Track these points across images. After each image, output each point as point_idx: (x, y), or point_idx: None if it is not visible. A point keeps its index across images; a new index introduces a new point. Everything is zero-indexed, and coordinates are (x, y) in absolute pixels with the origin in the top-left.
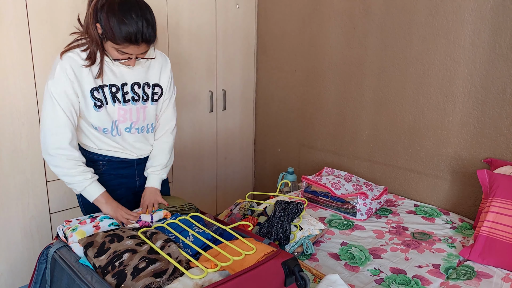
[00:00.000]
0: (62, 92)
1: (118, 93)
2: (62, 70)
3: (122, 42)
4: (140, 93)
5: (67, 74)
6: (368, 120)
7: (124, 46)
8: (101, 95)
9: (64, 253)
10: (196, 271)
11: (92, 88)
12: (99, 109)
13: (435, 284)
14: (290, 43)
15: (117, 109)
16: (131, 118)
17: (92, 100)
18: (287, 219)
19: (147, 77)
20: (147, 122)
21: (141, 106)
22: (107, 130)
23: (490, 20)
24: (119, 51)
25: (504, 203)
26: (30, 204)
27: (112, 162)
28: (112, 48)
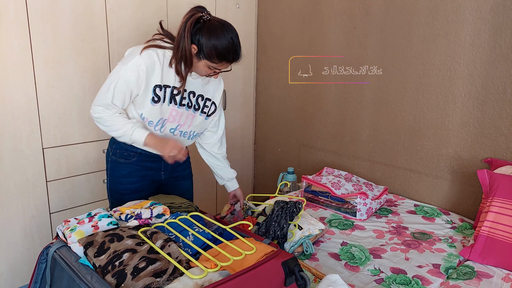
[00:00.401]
0: (124, 81)
1: (177, 96)
2: (136, 66)
3: (220, 61)
4: (193, 102)
5: (139, 71)
6: (368, 120)
7: (220, 65)
8: (161, 93)
9: (64, 253)
10: (196, 271)
11: (156, 84)
12: (155, 104)
13: (435, 284)
14: (290, 43)
15: (171, 109)
16: (179, 120)
17: (152, 95)
18: (285, 217)
19: (203, 90)
20: (191, 129)
21: (191, 113)
22: (152, 123)
23: (490, 20)
24: (212, 68)
25: (504, 203)
26: (30, 204)
27: (142, 155)
28: (205, 65)
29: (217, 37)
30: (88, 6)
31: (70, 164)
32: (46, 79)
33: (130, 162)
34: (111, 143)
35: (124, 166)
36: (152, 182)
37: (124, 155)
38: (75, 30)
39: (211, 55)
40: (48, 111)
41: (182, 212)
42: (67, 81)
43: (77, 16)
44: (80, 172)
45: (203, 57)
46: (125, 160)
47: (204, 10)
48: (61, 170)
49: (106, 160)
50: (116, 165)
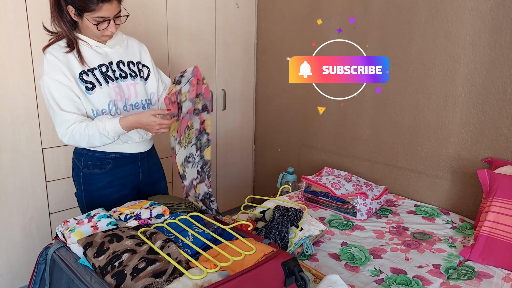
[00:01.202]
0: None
1: (109, 72)
2: (48, 62)
3: (96, 5)
4: (127, 70)
5: (52, 64)
6: (368, 120)
7: (98, 9)
8: (91, 77)
9: (63, 254)
10: (196, 271)
11: (80, 72)
12: (91, 91)
13: (436, 284)
14: (290, 43)
15: (112, 87)
16: (124, 95)
17: (83, 84)
18: (286, 226)
19: (129, 56)
20: (140, 98)
21: (131, 82)
22: (105, 111)
23: (490, 20)
24: (97, 18)
25: (504, 203)
26: (30, 204)
27: (117, 159)
28: (91, 19)
29: None
30: None
31: (69, 165)
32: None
33: (107, 171)
34: (78, 156)
35: (100, 177)
36: (132, 188)
37: (97, 165)
38: None
39: (84, 4)
40: (48, 111)
41: (182, 212)
42: None
43: None
44: None
45: (81, 12)
46: (100, 170)
47: None
48: (61, 171)
49: (76, 175)
50: (91, 178)
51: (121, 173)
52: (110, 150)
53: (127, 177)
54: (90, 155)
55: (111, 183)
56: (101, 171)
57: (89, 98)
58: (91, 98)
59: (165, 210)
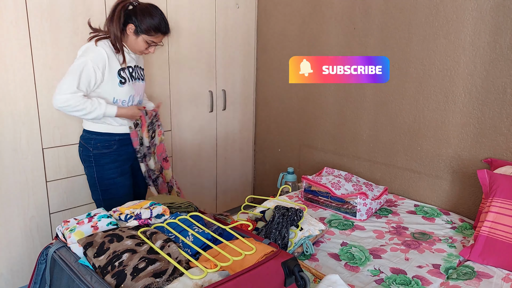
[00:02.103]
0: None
1: (133, 73)
2: (97, 52)
3: (155, 33)
4: (140, 74)
5: (101, 56)
6: (368, 120)
7: (156, 37)
8: (125, 74)
9: (63, 253)
10: (196, 271)
11: (119, 69)
12: (123, 85)
13: (435, 284)
14: (290, 43)
15: (133, 85)
16: (137, 92)
17: (118, 78)
18: (286, 226)
19: (139, 61)
20: (141, 97)
21: (141, 84)
22: (125, 102)
23: (490, 20)
24: (151, 42)
25: (504, 203)
26: (30, 204)
27: (121, 140)
28: (144, 41)
29: (150, 14)
30: (87, 6)
31: (69, 164)
32: (46, 79)
33: (113, 150)
34: (88, 140)
35: (108, 155)
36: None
37: (105, 145)
38: (75, 30)
39: (148, 29)
40: (48, 111)
41: (182, 212)
42: None
43: (76, 16)
44: (80, 172)
45: (140, 32)
46: (108, 150)
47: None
48: (61, 170)
49: (86, 156)
50: (100, 156)
51: (123, 152)
52: (114, 131)
53: (127, 155)
54: (99, 138)
55: (116, 158)
56: (108, 150)
57: (119, 90)
58: (120, 90)
59: (165, 210)
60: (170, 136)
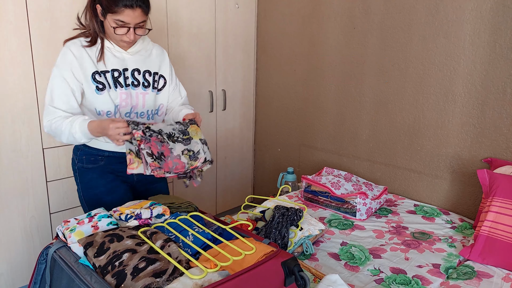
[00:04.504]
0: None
1: (120, 78)
2: (63, 56)
3: (119, 8)
4: (141, 79)
5: (66, 59)
6: (368, 120)
7: (120, 13)
8: (103, 79)
9: (63, 253)
10: (196, 271)
11: (93, 72)
12: (101, 92)
13: (435, 284)
14: (290, 43)
15: (119, 93)
16: (131, 102)
17: (94, 84)
18: (286, 226)
19: (147, 65)
20: (147, 108)
21: (141, 92)
22: (110, 113)
23: (490, 20)
24: (117, 21)
25: (504, 203)
26: (30, 204)
27: (110, 158)
28: (111, 21)
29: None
30: None
31: (70, 165)
32: (46, 79)
33: (99, 166)
34: (75, 150)
35: (93, 170)
36: (123, 182)
37: (91, 160)
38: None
39: (108, 4)
40: None
41: (182, 212)
42: None
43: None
44: None
45: (105, 12)
46: (93, 165)
47: None
48: (61, 171)
49: (73, 170)
50: (84, 171)
51: (113, 169)
52: (103, 148)
53: (120, 172)
54: (85, 150)
55: (103, 175)
56: (94, 165)
57: (97, 98)
58: (99, 98)
59: (166, 210)
60: None
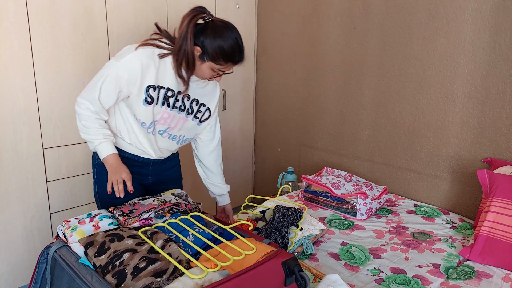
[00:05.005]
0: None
1: (171, 98)
2: (130, 60)
3: (225, 62)
4: (187, 106)
5: (130, 67)
6: (368, 120)
7: (225, 66)
8: (155, 94)
9: (64, 253)
10: (196, 271)
11: (150, 85)
12: (148, 105)
13: (435, 284)
14: (290, 43)
15: (163, 111)
16: (170, 123)
17: (145, 95)
18: (286, 226)
19: (199, 95)
20: (182, 133)
21: (183, 117)
22: (144, 125)
23: (490, 20)
24: (216, 70)
25: (504, 203)
26: (30, 204)
27: (128, 160)
28: (209, 68)
29: (221, 37)
30: (88, 6)
31: (70, 164)
32: (46, 79)
33: None
34: None
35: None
36: (139, 184)
37: None
38: (75, 30)
39: (216, 56)
40: (48, 111)
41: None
42: (67, 81)
43: (77, 16)
44: (80, 172)
45: (207, 58)
46: None
47: (206, 11)
48: (61, 170)
49: (92, 164)
50: (102, 169)
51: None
52: (126, 149)
53: (135, 174)
54: None
55: None
56: None
57: (140, 107)
58: (141, 108)
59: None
60: None
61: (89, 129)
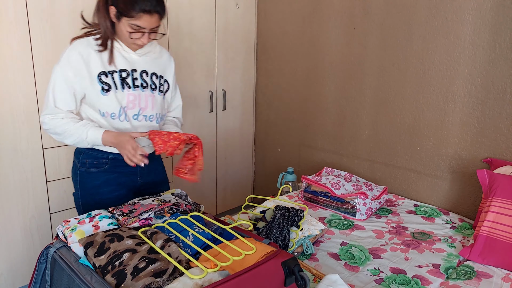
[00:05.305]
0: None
1: (128, 79)
2: (68, 56)
3: (137, 13)
4: (149, 81)
5: (72, 60)
6: (368, 120)
7: (137, 18)
8: (109, 79)
9: (64, 253)
10: (196, 271)
11: (100, 72)
12: (106, 93)
13: (435, 284)
14: (290, 43)
15: (126, 94)
16: (139, 104)
17: (100, 84)
18: (287, 226)
19: (155, 67)
20: (155, 111)
21: (149, 94)
22: (114, 115)
23: (490, 20)
24: (134, 25)
25: (504, 203)
26: (30, 204)
27: (115, 160)
28: (127, 25)
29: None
30: (88, 6)
31: (70, 164)
32: (46, 79)
33: (103, 170)
34: (77, 154)
35: (97, 175)
36: (128, 190)
37: (94, 164)
38: (75, 30)
39: (126, 8)
40: None
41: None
42: None
43: (77, 15)
44: None
45: (121, 15)
46: (97, 169)
47: None
48: (61, 170)
49: (73, 173)
50: (86, 176)
51: (118, 174)
52: (109, 150)
53: (124, 177)
54: (88, 153)
55: (107, 182)
56: (97, 170)
57: (102, 99)
58: (103, 99)
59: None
60: None
61: (67, 131)
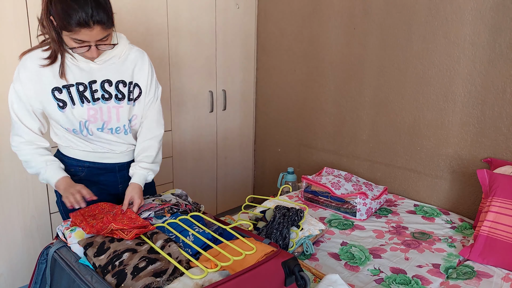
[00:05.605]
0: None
1: (86, 92)
2: (18, 72)
3: (73, 27)
4: (113, 92)
5: (22, 76)
6: (368, 120)
7: (76, 32)
8: (64, 95)
9: (64, 253)
10: (196, 271)
11: (53, 88)
12: (62, 109)
13: (435, 284)
14: (290, 43)
15: (87, 109)
16: (101, 118)
17: (55, 101)
18: (287, 226)
19: (121, 74)
20: (123, 123)
21: (114, 105)
22: (76, 131)
23: (490, 20)
24: (75, 39)
25: (504, 203)
26: (30, 204)
27: (91, 168)
28: (69, 39)
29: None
30: None
31: None
32: None
33: (81, 178)
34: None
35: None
36: (109, 195)
37: (70, 171)
38: None
39: (61, 23)
40: None
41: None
42: None
43: None
44: None
45: (60, 29)
46: (74, 177)
47: None
48: None
49: None
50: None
51: (96, 181)
52: (84, 158)
53: (104, 185)
54: (65, 160)
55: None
56: (75, 177)
57: (60, 116)
58: (62, 116)
59: None
60: (170, 136)
61: (30, 162)
